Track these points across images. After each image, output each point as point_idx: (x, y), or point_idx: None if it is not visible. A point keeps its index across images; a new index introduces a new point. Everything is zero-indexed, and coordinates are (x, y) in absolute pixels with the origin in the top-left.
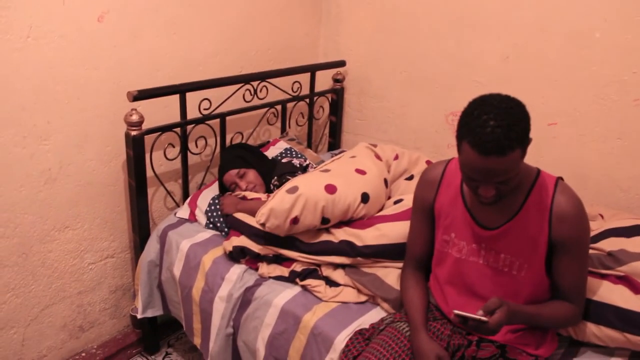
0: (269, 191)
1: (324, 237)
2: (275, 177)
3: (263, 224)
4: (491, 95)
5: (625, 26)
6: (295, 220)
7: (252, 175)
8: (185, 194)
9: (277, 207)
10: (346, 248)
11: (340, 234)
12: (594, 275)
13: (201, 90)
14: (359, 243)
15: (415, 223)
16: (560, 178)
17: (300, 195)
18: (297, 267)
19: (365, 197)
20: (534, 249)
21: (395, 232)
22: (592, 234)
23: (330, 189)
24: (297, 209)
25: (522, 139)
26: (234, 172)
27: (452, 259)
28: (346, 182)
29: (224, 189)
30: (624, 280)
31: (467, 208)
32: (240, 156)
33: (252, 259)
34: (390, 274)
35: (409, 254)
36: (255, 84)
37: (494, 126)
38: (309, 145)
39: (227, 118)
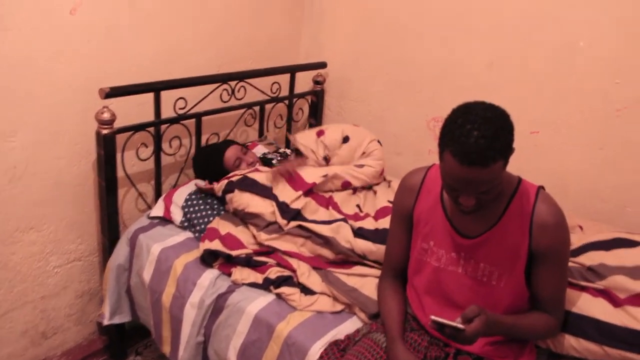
0: None
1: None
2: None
3: None
4: (475, 103)
5: (609, 36)
6: None
7: (252, 153)
8: (158, 196)
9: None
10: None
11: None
12: (574, 287)
13: (177, 89)
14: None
15: (394, 230)
16: (542, 187)
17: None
18: (272, 274)
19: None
20: (513, 259)
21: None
22: (572, 247)
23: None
24: None
25: (505, 150)
26: (237, 147)
27: (430, 268)
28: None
29: (212, 175)
30: (604, 293)
31: (446, 216)
32: (231, 140)
33: (225, 264)
34: (367, 283)
35: (387, 262)
36: (233, 83)
37: (478, 136)
38: (287, 148)
39: (203, 118)
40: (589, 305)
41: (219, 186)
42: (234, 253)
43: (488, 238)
